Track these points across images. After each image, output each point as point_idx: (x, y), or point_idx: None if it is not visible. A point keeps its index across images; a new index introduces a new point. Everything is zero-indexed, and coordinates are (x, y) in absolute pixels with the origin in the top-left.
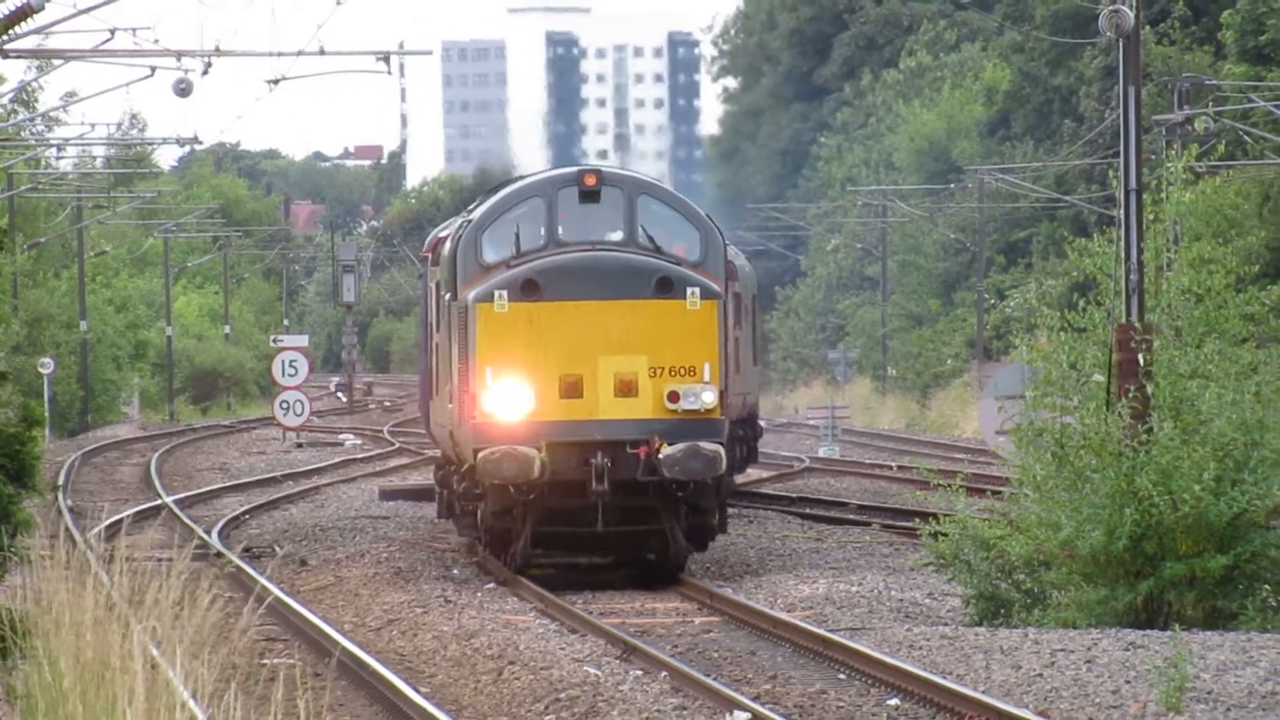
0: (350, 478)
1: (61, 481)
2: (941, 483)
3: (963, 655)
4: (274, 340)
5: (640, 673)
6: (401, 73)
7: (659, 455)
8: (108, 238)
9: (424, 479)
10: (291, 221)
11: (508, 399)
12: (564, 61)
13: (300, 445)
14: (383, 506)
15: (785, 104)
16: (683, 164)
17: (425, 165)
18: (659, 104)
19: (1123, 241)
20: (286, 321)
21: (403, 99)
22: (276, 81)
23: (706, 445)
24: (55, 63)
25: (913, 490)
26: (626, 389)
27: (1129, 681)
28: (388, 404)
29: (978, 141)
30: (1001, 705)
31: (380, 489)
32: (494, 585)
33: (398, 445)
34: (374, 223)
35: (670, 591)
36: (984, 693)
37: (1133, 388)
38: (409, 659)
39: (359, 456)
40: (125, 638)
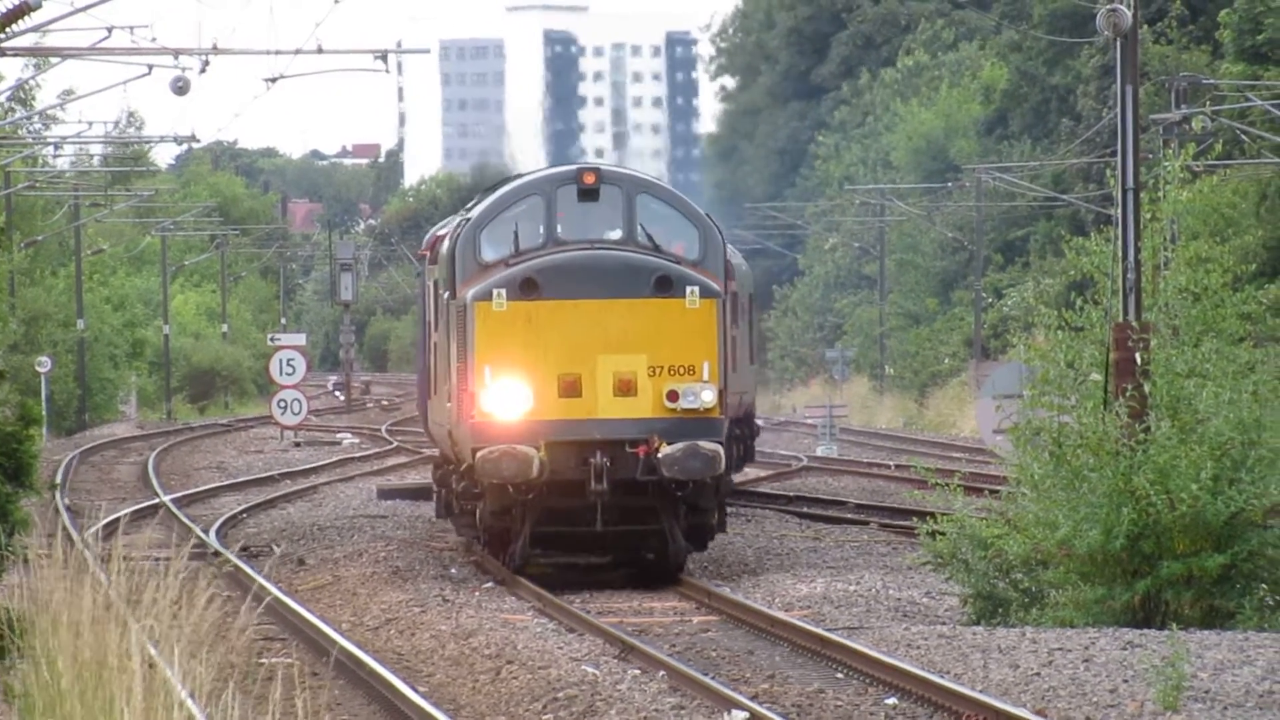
0: (348, 477)
1: (59, 480)
2: (939, 482)
3: (960, 654)
4: (271, 339)
5: (638, 672)
6: (399, 71)
7: (658, 454)
8: (105, 236)
9: (422, 478)
10: (289, 220)
11: (506, 398)
12: (562, 60)
13: (298, 444)
14: (380, 505)
15: (783, 103)
16: (680, 163)
17: (423, 164)
18: (657, 103)
19: (1120, 240)
20: (284, 320)
21: (400, 97)
22: (274, 80)
23: (706, 444)
24: (52, 61)
25: (910, 489)
26: (625, 388)
27: (1126, 680)
28: (385, 403)
29: (975, 140)
30: (999, 704)
31: (378, 488)
32: (492, 584)
33: (395, 444)
34: (372, 221)
35: (668, 591)
36: (982, 692)
37: (1130, 387)
38: (407, 658)
39: (357, 455)
40: (123, 637)
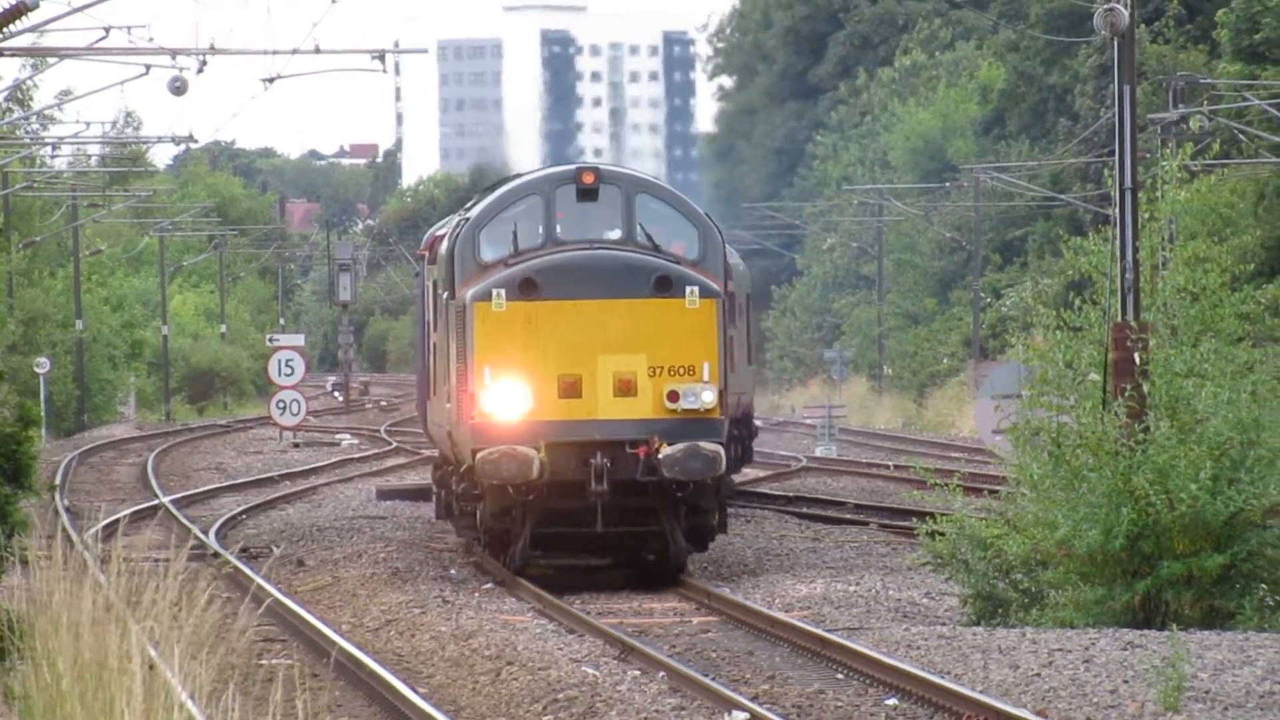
0: (347, 477)
1: (58, 482)
2: (938, 482)
3: (960, 655)
4: (270, 339)
5: (638, 673)
6: (397, 71)
7: (658, 455)
8: (103, 237)
9: (421, 478)
10: (287, 220)
11: (506, 399)
12: (560, 60)
13: (297, 445)
14: (380, 506)
15: (780, 103)
16: (678, 162)
17: (421, 164)
18: (654, 103)
19: (1118, 240)
20: (283, 321)
21: (398, 98)
22: (272, 80)
23: (706, 445)
24: (50, 61)
25: (910, 489)
26: (626, 388)
27: (1127, 681)
28: (384, 403)
29: (973, 140)
30: (999, 705)
31: (377, 489)
32: (492, 585)
33: (395, 445)
34: (370, 221)
35: (668, 591)
36: (982, 692)
37: (1129, 387)
38: (407, 659)
39: (356, 456)
40: (123, 638)
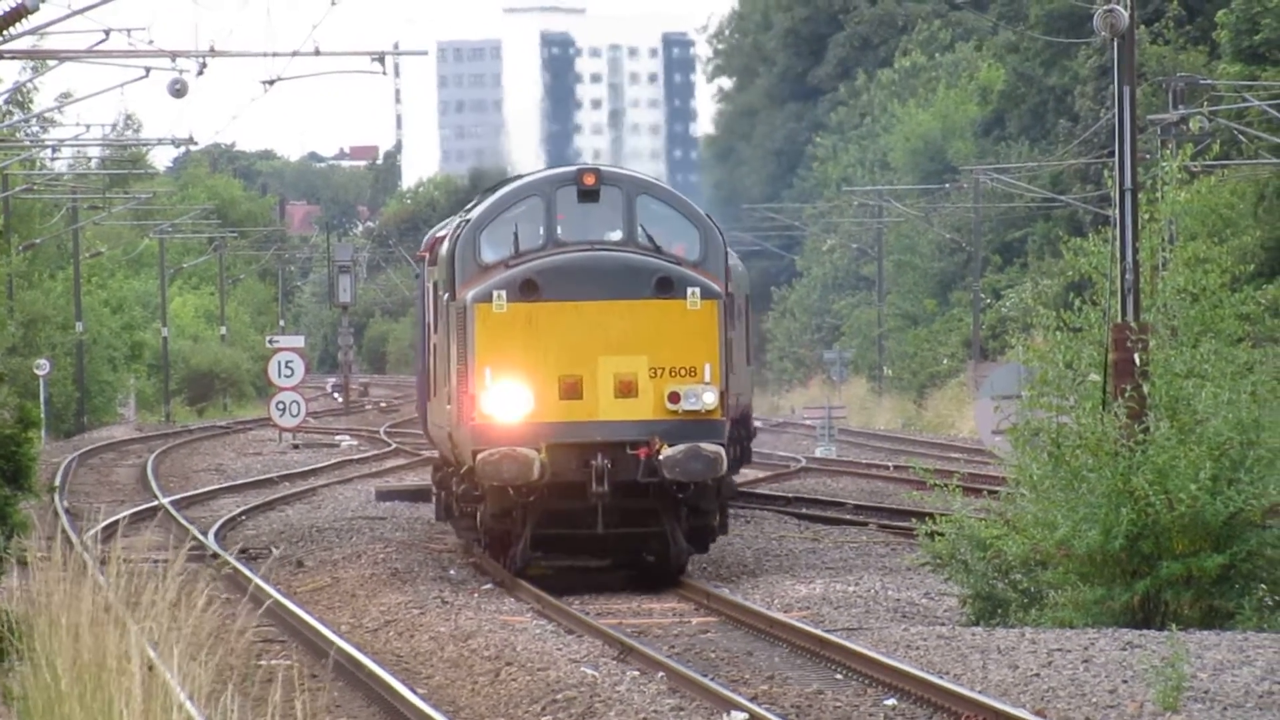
0: (347, 479)
1: (58, 483)
2: (938, 483)
3: (960, 655)
4: (270, 341)
5: (637, 673)
6: (396, 73)
7: (659, 456)
8: (103, 239)
9: (421, 480)
10: (287, 222)
11: (507, 400)
12: (559, 62)
13: (296, 446)
14: (379, 507)
15: (780, 104)
16: (678, 164)
17: (421, 166)
18: (654, 104)
19: (1118, 241)
20: (282, 322)
21: (398, 100)
22: (272, 82)
23: (707, 446)
24: (50, 63)
25: (909, 490)
26: (626, 390)
27: (1126, 681)
28: (384, 405)
29: (973, 141)
30: (998, 705)
31: (377, 490)
32: (491, 586)
33: (394, 446)
34: (370, 223)
35: (667, 592)
36: (981, 693)
37: (1129, 387)
38: (406, 660)
39: (355, 457)
40: (122, 639)
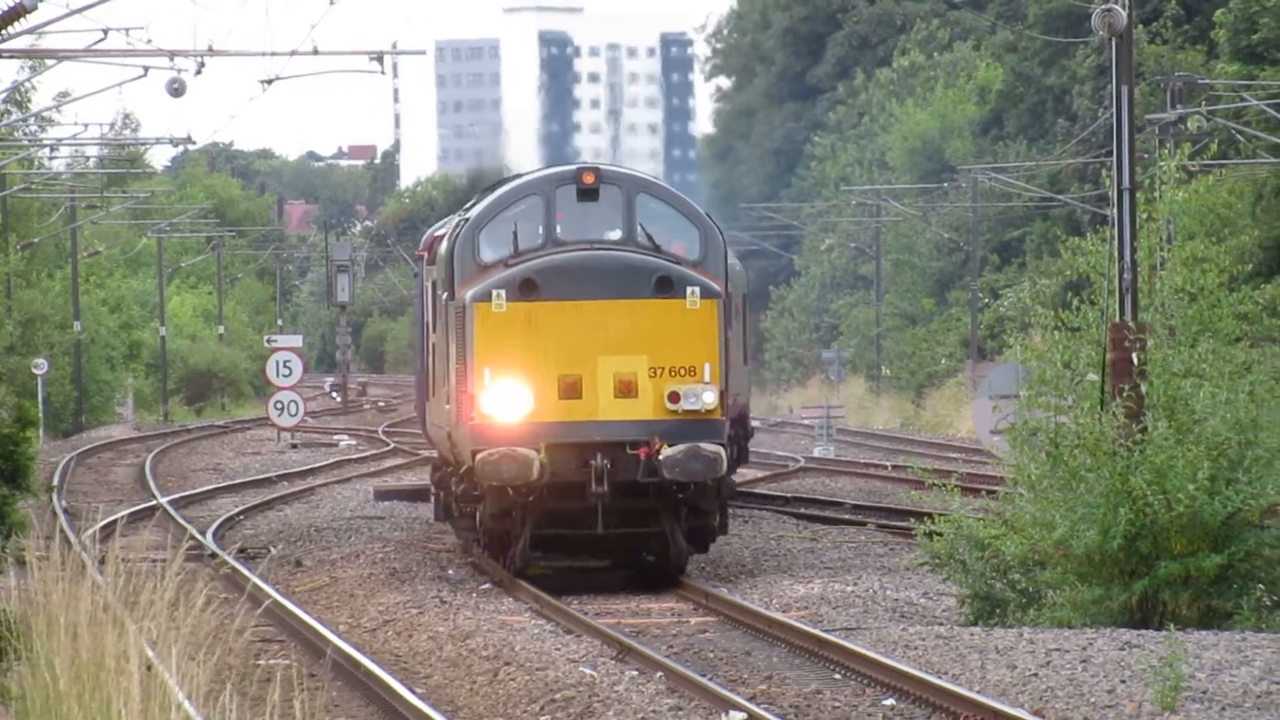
0: (345, 478)
1: (56, 482)
2: (936, 482)
3: (958, 655)
4: (268, 340)
5: (636, 673)
6: (395, 72)
7: (659, 456)
8: (101, 238)
9: (419, 479)
10: (285, 222)
11: (506, 400)
12: (558, 61)
13: (295, 446)
14: (378, 507)
15: (779, 103)
16: (676, 163)
17: (419, 165)
18: (652, 103)
19: (1116, 241)
20: (280, 322)
21: (396, 99)
22: (270, 81)
23: (707, 446)
24: (48, 63)
25: (908, 490)
26: (626, 389)
27: (1124, 681)
28: (382, 404)
29: (971, 141)
30: (997, 705)
31: (375, 489)
32: (489, 586)
33: (392, 445)
34: (368, 223)
35: (666, 592)
36: (979, 692)
37: (1127, 387)
38: (404, 660)
39: (354, 457)
40: (120, 638)
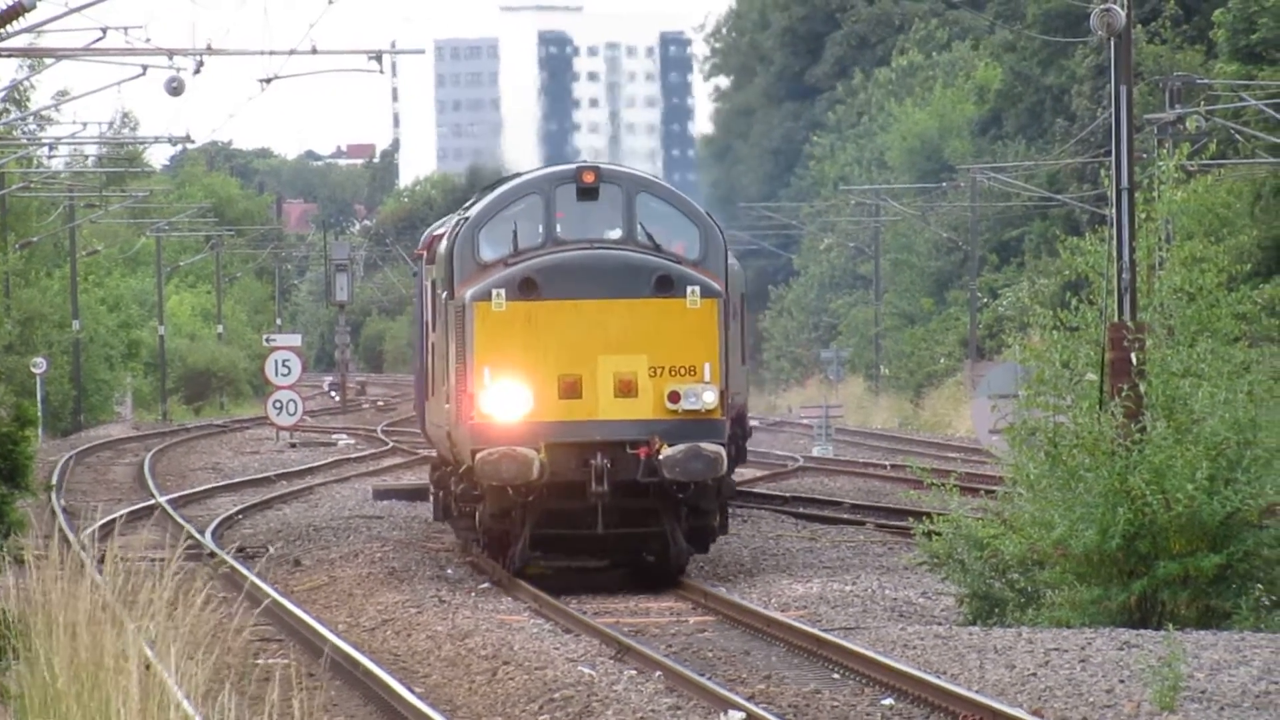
0: (344, 477)
1: (54, 481)
2: (935, 482)
3: (957, 654)
4: (267, 340)
5: (635, 672)
6: (394, 72)
7: (659, 456)
8: (100, 237)
9: (418, 479)
10: (284, 221)
11: (506, 399)
12: (556, 60)
13: (293, 445)
14: (376, 506)
15: (777, 103)
16: (675, 163)
17: (418, 164)
18: (651, 103)
19: (1115, 240)
20: (279, 321)
21: (395, 98)
22: (269, 80)
23: (707, 446)
24: (47, 61)
25: (906, 489)
26: (626, 389)
27: (1123, 681)
28: (381, 403)
29: (969, 140)
30: (996, 705)
31: (374, 489)
32: (488, 585)
33: (391, 445)
34: (367, 222)
35: (665, 591)
36: (978, 692)
37: (1125, 387)
38: (403, 659)
39: (352, 456)
40: (119, 638)
